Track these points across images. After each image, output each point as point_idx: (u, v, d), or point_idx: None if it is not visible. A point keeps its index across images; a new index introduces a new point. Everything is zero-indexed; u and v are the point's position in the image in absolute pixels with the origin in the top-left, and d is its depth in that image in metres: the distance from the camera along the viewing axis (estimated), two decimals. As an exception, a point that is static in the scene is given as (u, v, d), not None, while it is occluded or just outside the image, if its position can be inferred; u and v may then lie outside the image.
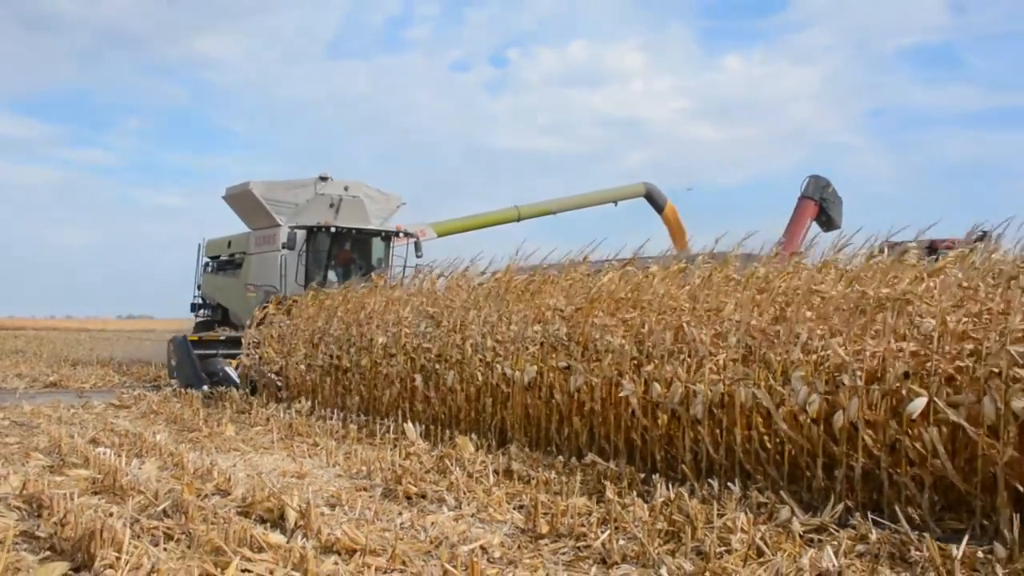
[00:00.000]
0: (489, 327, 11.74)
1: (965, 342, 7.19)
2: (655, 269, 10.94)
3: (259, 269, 22.43)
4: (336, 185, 22.89)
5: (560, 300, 11.22)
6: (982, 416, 6.64)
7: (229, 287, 24.56)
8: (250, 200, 22.77)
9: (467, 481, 8.12)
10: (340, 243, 21.81)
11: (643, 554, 5.82)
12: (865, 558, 5.83)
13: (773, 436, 7.95)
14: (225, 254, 25.55)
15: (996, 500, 6.47)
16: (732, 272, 9.98)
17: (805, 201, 23.87)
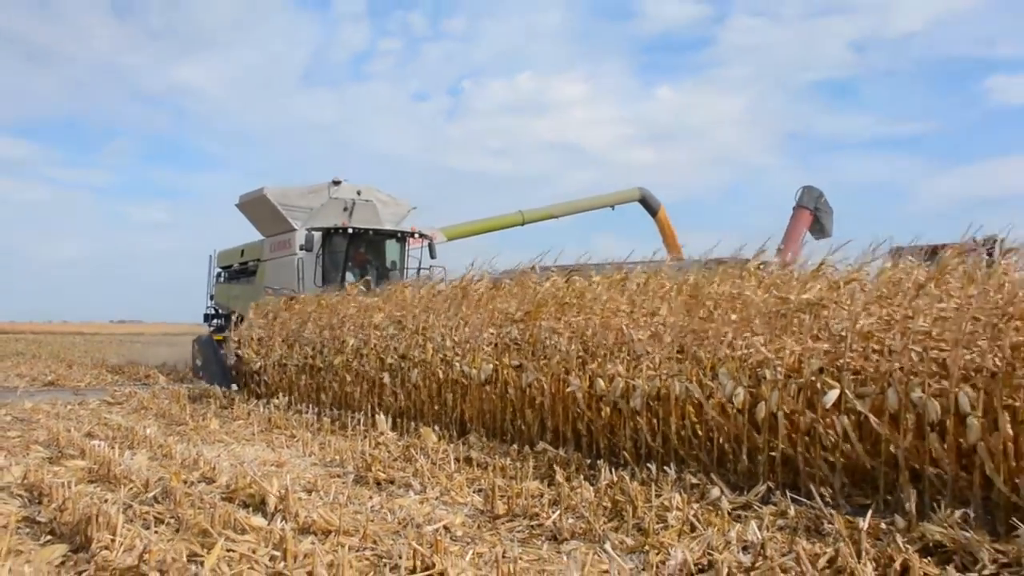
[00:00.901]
0: (449, 330, 11.81)
1: (872, 342, 7.36)
2: (597, 277, 11.05)
3: (275, 274, 21.03)
4: (349, 189, 21.66)
5: (512, 305, 11.31)
6: (886, 406, 6.81)
7: (244, 295, 22.61)
8: (264, 206, 21.52)
9: (431, 468, 8.15)
10: (357, 244, 20.18)
11: (589, 531, 5.89)
12: (785, 531, 5.93)
13: (704, 425, 8.03)
14: (237, 263, 24.31)
15: (898, 478, 6.64)
16: (665, 280, 10.10)
17: (801, 210, 23.08)
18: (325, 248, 19.46)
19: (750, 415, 7.60)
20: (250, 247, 23.45)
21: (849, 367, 7.24)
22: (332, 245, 19.65)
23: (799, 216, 22.77)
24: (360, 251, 20.26)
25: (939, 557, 5.35)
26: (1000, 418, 6.15)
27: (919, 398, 6.58)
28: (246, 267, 23.50)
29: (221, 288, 25.18)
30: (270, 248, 21.93)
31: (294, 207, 21.15)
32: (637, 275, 10.58)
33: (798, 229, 22.51)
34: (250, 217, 22.70)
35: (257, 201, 21.82)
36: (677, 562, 5.13)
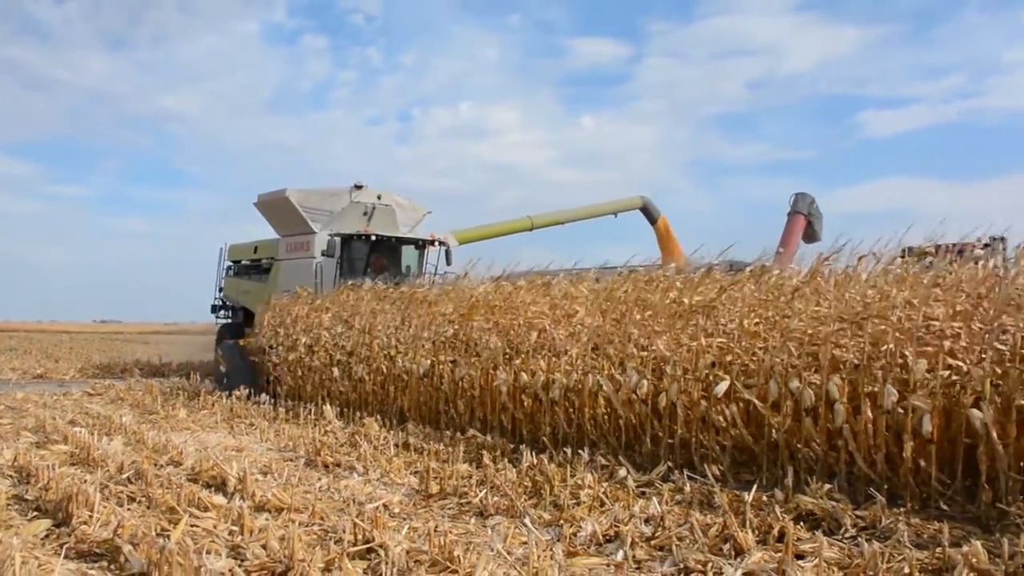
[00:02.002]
0: (392, 329, 11.82)
1: (756, 339, 7.55)
2: (522, 283, 11.13)
3: (291, 274, 18.87)
4: (370, 194, 19.63)
5: (448, 308, 11.35)
6: (768, 395, 6.99)
7: (256, 291, 20.43)
8: (285, 207, 19.38)
9: (373, 453, 8.14)
10: (377, 251, 18.60)
11: (512, 507, 5.93)
12: (681, 505, 6.01)
13: (613, 413, 8.14)
14: (248, 259, 21.85)
15: (777, 457, 6.81)
16: (584, 287, 10.21)
17: (797, 216, 21.55)
18: (344, 253, 17.86)
19: (653, 404, 7.72)
20: (264, 244, 21.21)
21: (737, 361, 7.43)
22: (352, 251, 18.19)
23: (794, 221, 21.55)
24: (380, 257, 18.74)
25: (810, 524, 5.50)
26: (862, 404, 6.36)
27: (796, 387, 6.75)
28: (259, 264, 21.28)
29: (231, 282, 22.69)
30: (286, 248, 19.95)
31: (314, 210, 19.32)
32: (559, 281, 10.68)
33: (794, 234, 21.36)
34: (268, 216, 20.66)
35: (277, 202, 19.81)
36: (587, 533, 5.21)
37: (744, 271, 8.75)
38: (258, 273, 21.00)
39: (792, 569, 4.44)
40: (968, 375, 6.00)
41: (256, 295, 20.04)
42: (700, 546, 4.92)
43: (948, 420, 6.15)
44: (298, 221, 19.08)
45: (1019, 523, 5.18)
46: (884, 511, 5.48)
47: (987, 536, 5.04)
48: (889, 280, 7.33)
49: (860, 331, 6.72)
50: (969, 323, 6.41)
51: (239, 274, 22.19)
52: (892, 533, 5.12)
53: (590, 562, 4.78)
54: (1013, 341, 5.95)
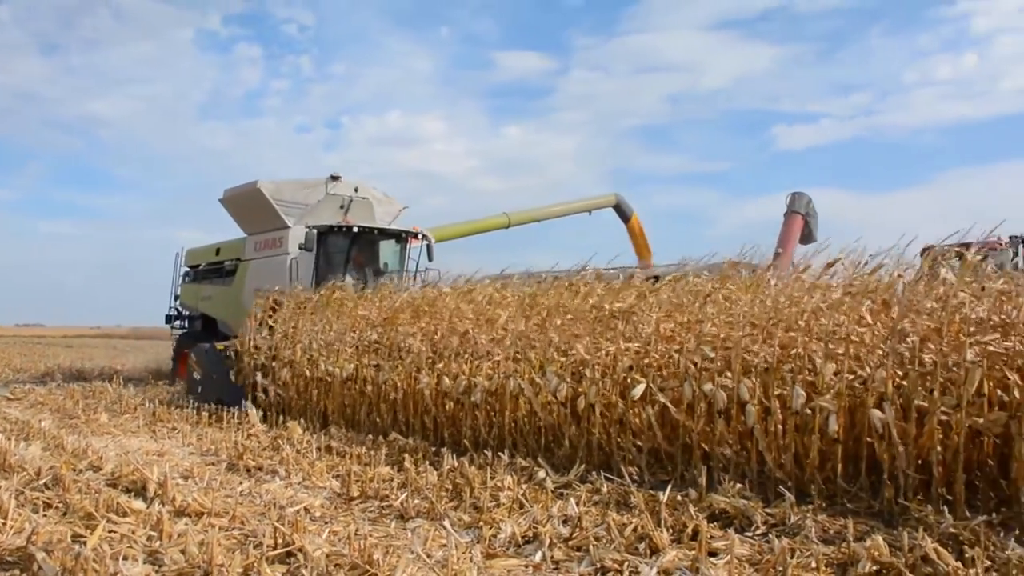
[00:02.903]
0: (316, 333, 11.66)
1: (672, 343, 7.62)
2: (446, 288, 11.09)
3: (261, 274, 17.09)
4: (347, 186, 18.08)
5: (372, 312, 11.25)
6: (683, 397, 7.06)
7: (219, 296, 18.89)
8: (256, 200, 17.50)
9: (295, 456, 8.00)
10: (358, 245, 16.87)
11: (432, 509, 5.88)
12: (599, 505, 6.03)
13: (533, 416, 8.15)
14: (209, 262, 20.01)
15: (691, 458, 6.88)
16: (508, 292, 10.21)
17: (794, 216, 20.37)
18: (321, 247, 16.24)
19: (572, 407, 7.74)
20: (228, 245, 19.37)
21: (653, 365, 7.48)
22: (330, 245, 16.52)
23: (792, 221, 20.40)
24: (361, 252, 17.12)
25: (723, 522, 5.56)
26: (772, 405, 6.46)
27: (709, 390, 6.83)
28: (221, 267, 19.40)
29: (189, 288, 20.76)
30: (255, 246, 18.09)
31: (288, 202, 17.55)
32: (483, 286, 10.65)
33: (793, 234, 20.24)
34: (235, 213, 18.79)
35: (247, 195, 17.88)
36: (506, 535, 5.19)
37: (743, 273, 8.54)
38: (220, 277, 19.26)
39: (705, 566, 4.48)
40: (872, 377, 6.13)
41: (219, 300, 18.79)
42: (617, 546, 4.93)
43: (853, 420, 6.28)
44: (270, 215, 17.39)
45: (918, 517, 5.29)
46: (793, 508, 5.57)
47: (889, 530, 5.15)
48: (800, 287, 7.47)
49: (771, 336, 6.83)
50: (873, 328, 6.55)
51: (198, 279, 20.44)
52: (800, 529, 5.21)
53: (509, 563, 4.76)
54: (913, 344, 6.10)
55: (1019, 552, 4.48)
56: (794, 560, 4.51)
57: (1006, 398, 5.74)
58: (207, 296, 19.43)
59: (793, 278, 7.83)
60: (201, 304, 19.69)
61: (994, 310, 6.29)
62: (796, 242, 19.76)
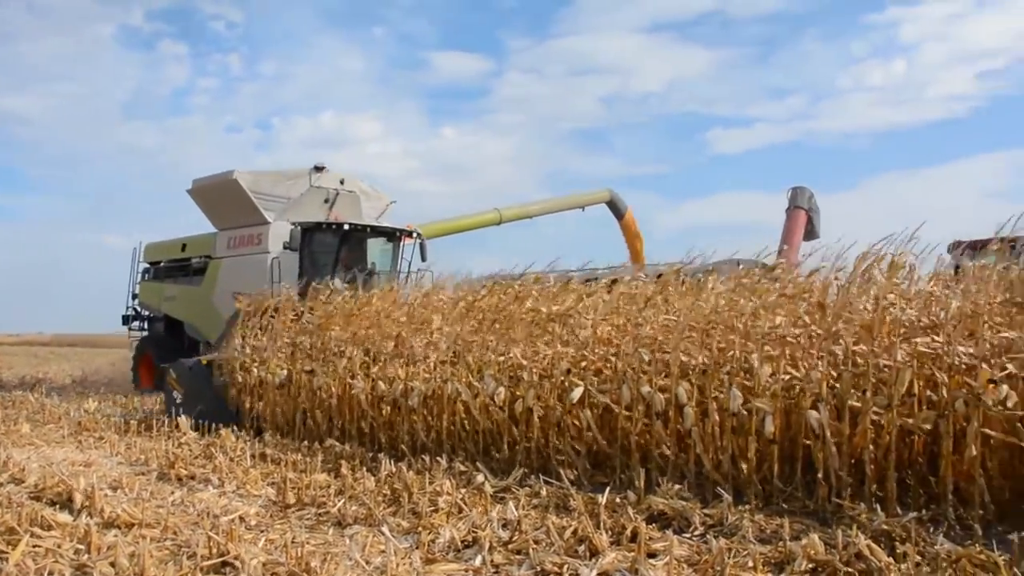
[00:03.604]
0: (248, 338, 11.51)
1: (609, 346, 7.71)
2: (377, 292, 11.04)
3: (235, 275, 15.82)
4: (332, 178, 16.82)
5: (306, 315, 11.15)
6: (621, 400, 7.14)
7: (187, 297, 17.45)
8: (231, 192, 16.07)
9: (229, 464, 7.90)
10: (348, 244, 15.83)
11: (370, 516, 5.85)
12: (538, 509, 6.06)
13: (471, 420, 8.17)
14: (172, 259, 18.53)
15: (630, 460, 6.97)
16: (442, 296, 10.22)
17: (798, 211, 19.61)
18: (307, 246, 15.16)
19: (510, 411, 7.79)
20: (195, 241, 17.96)
21: (591, 368, 7.56)
22: (316, 243, 15.45)
23: (796, 216, 19.69)
24: (351, 251, 16.06)
25: (661, 523, 5.64)
26: (709, 407, 6.58)
27: (648, 392, 6.92)
28: (188, 264, 17.98)
29: (149, 287, 19.11)
30: (229, 243, 16.68)
31: (267, 195, 16.17)
32: (415, 290, 10.64)
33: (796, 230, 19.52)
34: (205, 206, 17.38)
35: (220, 187, 16.41)
36: (446, 540, 5.20)
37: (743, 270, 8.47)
38: (187, 275, 17.88)
39: (644, 568, 4.55)
40: (807, 378, 6.28)
41: (185, 301, 17.47)
42: (556, 548, 4.97)
43: (788, 421, 6.43)
44: (247, 209, 16.00)
45: (852, 515, 5.44)
46: (730, 509, 5.66)
47: (824, 529, 5.28)
48: (737, 290, 7.62)
49: (708, 338, 6.95)
50: (808, 330, 6.71)
51: (159, 278, 18.89)
52: (738, 530, 5.31)
53: (448, 568, 4.77)
54: (846, 346, 6.26)
55: (947, 547, 4.63)
56: (732, 560, 4.60)
57: (935, 397, 5.93)
58: (171, 296, 18.10)
59: (732, 281, 7.98)
60: (164, 305, 18.30)
61: (923, 312, 6.49)
62: (801, 238, 19.26)
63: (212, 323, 16.10)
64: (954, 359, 5.80)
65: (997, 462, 5.68)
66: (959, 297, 6.39)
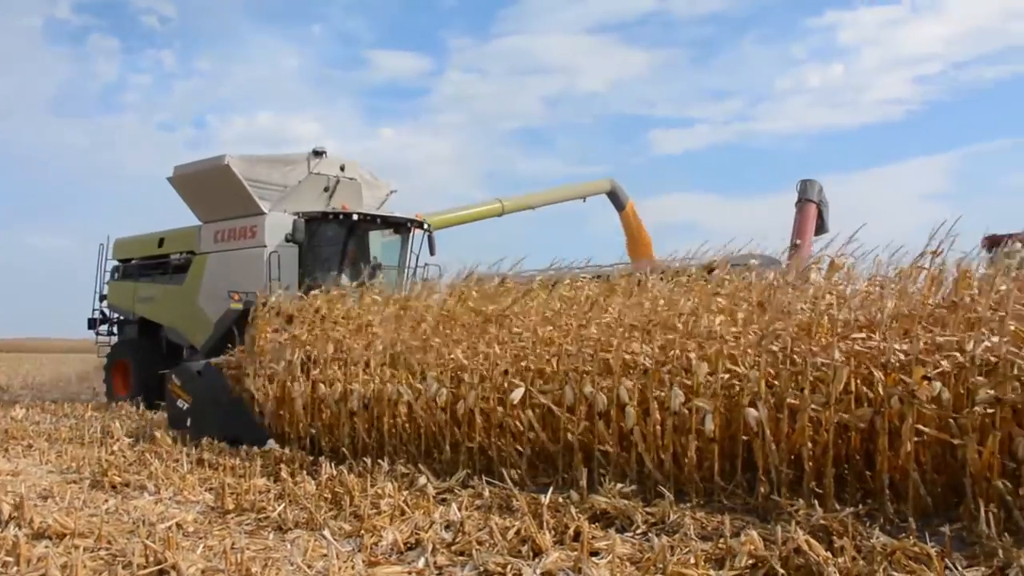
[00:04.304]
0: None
1: (552, 346, 7.77)
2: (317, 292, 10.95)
3: (224, 272, 14.62)
4: (331, 164, 15.65)
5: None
6: (564, 400, 7.21)
7: (167, 298, 16.05)
8: (222, 180, 14.65)
9: (165, 470, 7.79)
10: (355, 235, 14.66)
11: (311, 520, 5.83)
12: (481, 510, 6.09)
13: (413, 422, 8.18)
14: (147, 256, 17.04)
15: (573, 460, 7.04)
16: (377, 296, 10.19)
17: (808, 204, 19.03)
18: (311, 239, 14.11)
19: (452, 412, 7.81)
20: (175, 235, 16.58)
21: (532, 368, 7.61)
22: (321, 236, 14.33)
23: (806, 210, 19.07)
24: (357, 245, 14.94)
25: (604, 522, 5.71)
26: (651, 407, 6.67)
27: (590, 392, 7.00)
28: (166, 261, 16.61)
29: (120, 287, 17.57)
30: (216, 236, 15.29)
31: (262, 183, 14.86)
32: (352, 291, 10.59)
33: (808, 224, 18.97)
34: (189, 195, 15.96)
35: (210, 174, 15.02)
36: (388, 542, 5.21)
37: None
38: (166, 274, 16.55)
39: (588, 566, 4.60)
40: (746, 377, 6.40)
41: (165, 302, 16.14)
42: (500, 549, 5.00)
43: (728, 419, 6.55)
44: (240, 198, 14.68)
45: (791, 511, 5.56)
46: (672, 507, 5.77)
47: (764, 525, 5.39)
48: (677, 290, 7.74)
49: (649, 337, 7.05)
50: (747, 329, 6.84)
51: (132, 276, 17.41)
52: (679, 527, 5.40)
53: (391, 571, 4.78)
54: (784, 344, 6.40)
55: (883, 540, 4.76)
56: (674, 557, 4.67)
57: (871, 394, 6.10)
58: (147, 297, 16.68)
59: (672, 280, 8.10)
60: (139, 306, 16.84)
61: (860, 311, 6.66)
62: (812, 232, 18.82)
63: (197, 325, 14.98)
64: (890, 357, 5.96)
65: (931, 457, 5.85)
66: (894, 297, 6.58)
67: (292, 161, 15.40)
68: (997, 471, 5.35)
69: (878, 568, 4.33)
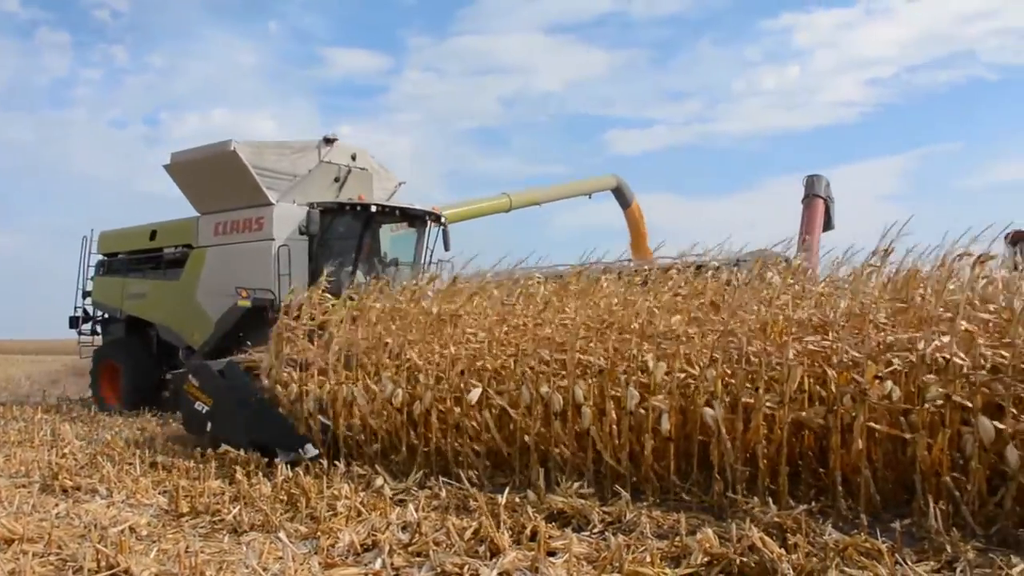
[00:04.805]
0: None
1: (508, 347, 7.79)
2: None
3: (226, 267, 13.70)
4: (343, 152, 14.75)
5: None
6: (520, 400, 7.23)
7: (157, 294, 15.07)
8: (227, 167, 13.59)
9: (117, 473, 7.68)
10: (371, 228, 13.76)
11: (267, 522, 5.79)
12: (438, 510, 6.09)
13: (369, 422, 8.17)
14: (138, 249, 15.90)
15: (530, 460, 7.06)
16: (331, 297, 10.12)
17: (816, 199, 18.36)
18: (324, 231, 13.30)
19: (408, 413, 7.80)
20: (170, 227, 15.48)
21: (489, 369, 7.63)
22: (336, 229, 13.43)
23: (814, 206, 18.43)
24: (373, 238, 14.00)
25: (561, 522, 5.75)
26: (607, 406, 6.72)
27: (546, 392, 7.03)
28: (159, 256, 15.52)
29: (106, 283, 16.43)
30: (216, 229, 14.24)
31: (270, 171, 13.82)
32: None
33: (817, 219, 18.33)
34: (188, 184, 14.73)
35: (214, 160, 13.90)
36: (345, 544, 5.19)
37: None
38: (159, 268, 15.44)
39: (545, 566, 4.62)
40: (702, 376, 6.47)
41: (158, 300, 15.05)
42: (457, 549, 5.01)
43: (685, 418, 6.62)
44: (246, 187, 13.62)
45: (746, 509, 5.64)
46: (628, 506, 5.81)
47: (719, 523, 5.46)
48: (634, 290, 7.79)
49: (604, 338, 7.09)
50: (703, 329, 6.92)
51: (120, 272, 16.20)
52: (636, 526, 5.44)
53: (348, 572, 4.76)
54: (739, 344, 6.48)
55: (835, 537, 4.85)
56: (630, 556, 4.71)
57: (824, 393, 6.21)
58: (138, 293, 15.54)
59: (626, 280, 8.16)
60: (128, 304, 15.69)
61: (814, 311, 6.77)
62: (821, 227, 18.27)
63: (195, 324, 14.00)
64: (842, 356, 6.06)
65: (882, 454, 5.96)
66: (847, 297, 6.69)
67: (302, 148, 14.44)
68: (946, 467, 5.47)
69: (831, 564, 4.41)
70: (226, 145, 13.52)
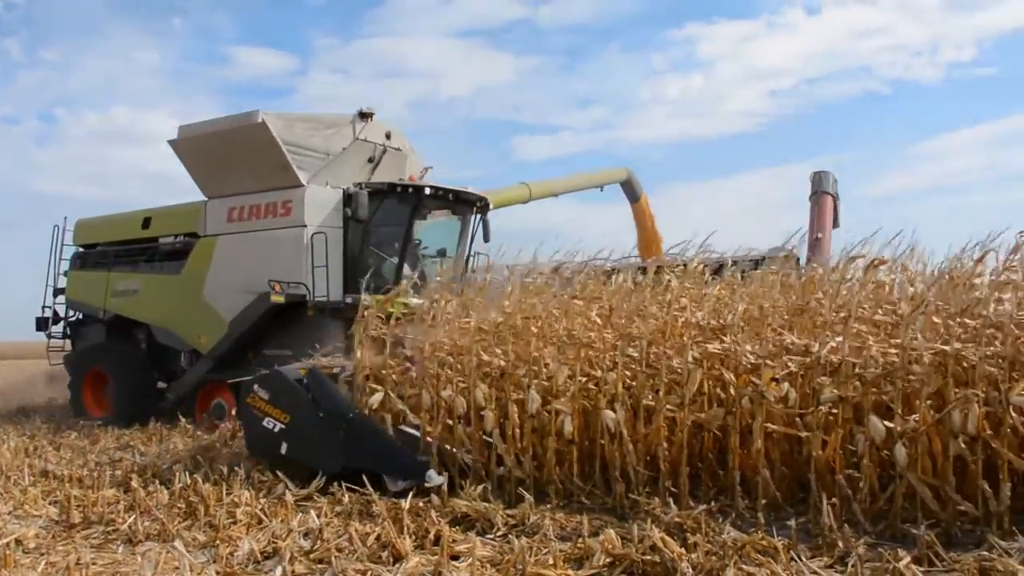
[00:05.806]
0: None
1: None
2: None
3: (242, 257, 12.08)
4: (377, 129, 13.15)
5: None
6: (422, 404, 7.17)
7: (153, 290, 13.23)
8: (252, 143, 11.92)
9: (4, 484, 7.42)
10: (419, 215, 12.45)
11: (164, 531, 5.66)
12: (341, 516, 6.02)
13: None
14: (127, 240, 14.01)
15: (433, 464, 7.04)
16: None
17: (825, 196, 17.52)
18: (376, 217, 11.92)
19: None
20: (168, 213, 13.66)
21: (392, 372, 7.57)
22: (384, 214, 12.02)
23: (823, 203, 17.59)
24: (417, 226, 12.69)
25: (465, 526, 5.74)
26: (509, 410, 6.74)
27: (448, 396, 7.02)
28: (154, 246, 13.66)
29: (85, 279, 14.39)
30: (228, 215, 12.48)
31: (301, 149, 12.14)
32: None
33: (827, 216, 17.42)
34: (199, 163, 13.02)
35: (234, 135, 12.19)
36: (245, 552, 5.09)
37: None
38: (153, 261, 13.58)
39: (448, 570, 4.62)
40: (604, 380, 6.54)
41: (154, 297, 13.24)
42: (360, 555, 4.98)
43: (587, 421, 6.68)
44: (274, 167, 11.95)
45: (647, 510, 5.71)
46: (532, 508, 5.84)
47: (621, 524, 5.52)
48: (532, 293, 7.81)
49: (503, 341, 7.10)
50: (603, 332, 6.99)
51: (103, 265, 14.14)
52: (539, 528, 5.46)
53: (248, 581, 4.69)
54: (641, 347, 6.57)
55: (734, 535, 4.95)
56: (533, 558, 4.73)
57: (723, 395, 6.34)
58: (127, 290, 13.64)
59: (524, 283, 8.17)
60: (113, 302, 13.76)
61: (712, 315, 6.90)
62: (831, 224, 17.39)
63: (202, 324, 12.44)
64: (740, 359, 6.20)
65: (779, 454, 6.12)
66: (745, 301, 6.85)
67: (334, 123, 12.80)
68: (840, 466, 5.64)
69: (729, 563, 4.50)
70: (252, 116, 11.93)
